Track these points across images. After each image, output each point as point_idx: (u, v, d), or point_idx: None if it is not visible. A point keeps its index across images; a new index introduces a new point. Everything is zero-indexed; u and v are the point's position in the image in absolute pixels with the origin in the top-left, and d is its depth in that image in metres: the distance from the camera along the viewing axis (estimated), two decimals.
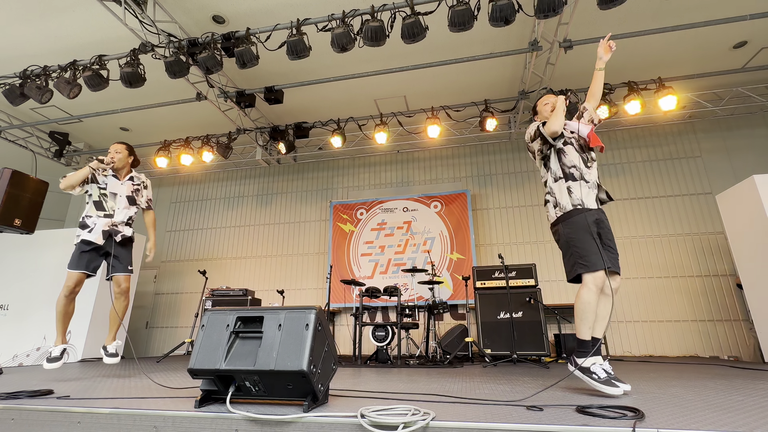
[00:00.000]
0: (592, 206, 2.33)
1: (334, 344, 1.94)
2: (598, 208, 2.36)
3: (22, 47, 4.96)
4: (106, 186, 3.26)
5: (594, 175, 2.41)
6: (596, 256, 2.17)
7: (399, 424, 1.37)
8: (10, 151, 6.86)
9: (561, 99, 2.45)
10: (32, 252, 6.15)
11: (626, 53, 5.29)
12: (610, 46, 2.52)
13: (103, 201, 3.24)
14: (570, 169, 2.39)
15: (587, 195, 2.33)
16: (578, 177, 2.37)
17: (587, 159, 2.43)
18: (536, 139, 2.51)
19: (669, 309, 5.77)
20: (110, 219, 3.22)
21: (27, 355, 5.48)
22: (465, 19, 3.79)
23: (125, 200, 3.31)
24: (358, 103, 6.32)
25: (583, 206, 2.30)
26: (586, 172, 2.38)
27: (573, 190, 2.35)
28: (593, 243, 2.21)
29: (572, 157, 2.41)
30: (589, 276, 2.17)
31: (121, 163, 3.34)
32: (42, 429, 1.71)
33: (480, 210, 6.87)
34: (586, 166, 2.40)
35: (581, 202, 2.31)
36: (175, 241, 7.94)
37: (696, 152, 6.37)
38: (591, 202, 2.34)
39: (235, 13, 4.57)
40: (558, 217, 2.39)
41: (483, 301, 5.02)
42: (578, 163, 2.39)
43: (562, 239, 2.37)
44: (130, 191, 3.36)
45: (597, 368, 2.05)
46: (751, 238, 4.47)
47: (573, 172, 2.38)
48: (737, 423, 1.39)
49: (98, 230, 3.16)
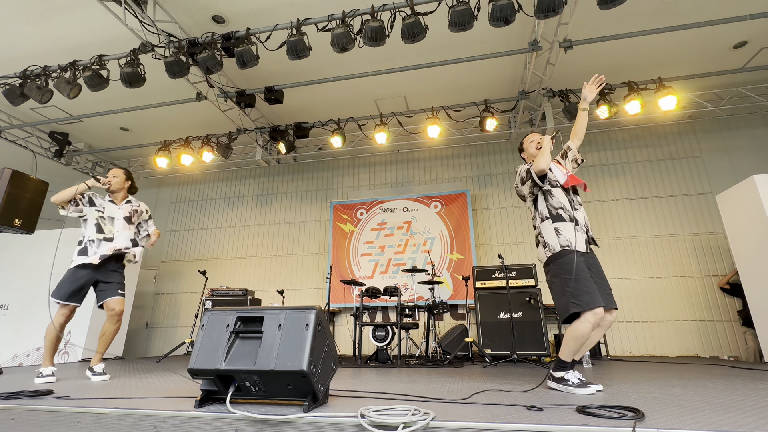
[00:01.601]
0: (581, 248, 2.33)
1: (334, 344, 1.94)
2: (587, 251, 2.38)
3: (22, 47, 4.96)
4: (103, 210, 3.28)
5: (582, 217, 2.44)
6: (590, 296, 2.19)
7: (399, 424, 1.37)
8: (10, 151, 6.86)
9: (547, 138, 2.51)
10: (32, 252, 6.15)
11: (626, 53, 5.29)
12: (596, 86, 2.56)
13: (101, 224, 3.24)
14: (557, 210, 2.43)
15: (576, 236, 2.34)
16: (567, 218, 2.40)
17: (573, 201, 2.46)
18: (527, 181, 2.53)
19: (669, 309, 5.76)
20: (111, 243, 3.21)
21: (27, 355, 5.48)
22: (465, 19, 3.78)
23: (123, 222, 3.31)
24: (358, 103, 6.32)
25: (572, 247, 2.31)
26: (575, 214, 2.41)
27: (561, 231, 2.38)
28: (585, 282, 2.23)
29: (560, 198, 2.45)
30: (589, 314, 2.18)
31: (117, 186, 3.35)
32: (42, 429, 1.71)
33: (480, 210, 6.87)
34: (573, 208, 2.43)
35: (569, 243, 2.33)
36: (175, 241, 7.94)
37: (696, 152, 6.37)
38: (581, 244, 2.34)
39: (235, 13, 4.56)
40: (548, 258, 2.42)
41: (483, 301, 5.01)
42: (566, 204, 2.43)
43: (553, 279, 2.39)
44: (127, 212, 3.37)
45: (570, 376, 2.22)
46: (751, 238, 4.47)
47: (561, 213, 2.41)
48: (737, 423, 1.39)
49: (97, 256, 3.13)
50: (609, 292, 2.34)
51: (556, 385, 2.26)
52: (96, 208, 3.26)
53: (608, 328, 2.29)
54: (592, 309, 2.17)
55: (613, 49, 5.19)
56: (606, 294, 2.30)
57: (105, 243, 3.20)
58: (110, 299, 3.14)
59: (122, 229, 3.29)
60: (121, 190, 3.41)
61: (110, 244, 3.21)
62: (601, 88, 2.62)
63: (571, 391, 2.15)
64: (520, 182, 2.60)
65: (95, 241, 3.18)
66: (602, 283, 2.34)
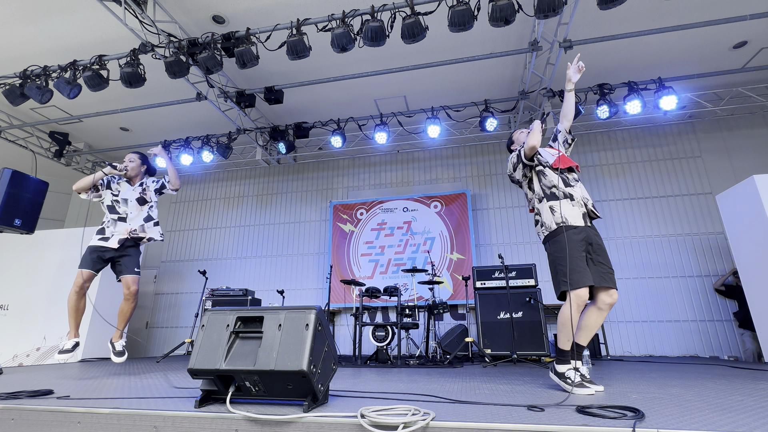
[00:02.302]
0: (578, 223, 2.35)
1: (334, 344, 1.94)
2: (586, 225, 2.38)
3: (22, 47, 4.95)
4: (118, 193, 3.41)
5: (579, 193, 2.45)
6: (579, 275, 2.21)
7: (399, 424, 1.37)
8: (10, 151, 6.86)
9: (537, 122, 2.55)
10: (32, 252, 6.15)
11: (626, 53, 5.29)
12: (580, 69, 2.59)
13: (115, 205, 3.38)
14: (551, 189, 2.47)
15: (571, 212, 2.36)
16: (560, 196, 2.42)
17: (567, 179, 2.48)
18: (518, 164, 2.58)
19: (669, 309, 5.76)
20: (125, 224, 3.33)
21: (27, 355, 5.48)
22: (465, 19, 3.78)
23: (135, 203, 3.42)
24: (358, 103, 6.32)
25: (567, 223, 2.33)
26: (569, 190, 2.43)
27: (555, 209, 2.41)
28: (577, 260, 2.24)
29: (552, 177, 2.48)
30: (572, 293, 2.20)
31: (134, 171, 3.47)
32: (42, 429, 1.71)
33: (480, 210, 6.86)
34: (567, 185, 2.45)
35: (564, 220, 2.35)
36: (175, 241, 7.94)
37: (696, 152, 6.37)
38: (577, 219, 2.35)
39: (235, 13, 4.56)
40: (545, 236, 2.46)
41: (483, 301, 5.01)
42: (557, 183, 2.46)
43: (549, 258, 2.43)
44: (139, 194, 3.47)
45: (571, 373, 2.19)
46: (751, 238, 4.47)
47: (554, 192, 2.45)
48: (737, 423, 1.39)
49: (115, 239, 3.27)
50: (609, 271, 2.30)
51: (556, 379, 2.26)
52: (111, 191, 3.40)
53: (609, 310, 2.27)
54: (575, 290, 2.19)
55: (613, 49, 5.19)
56: (604, 274, 2.27)
57: (120, 223, 3.33)
58: (127, 276, 3.28)
59: (135, 210, 3.41)
60: (138, 175, 3.53)
61: (125, 224, 3.34)
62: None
63: (568, 389, 2.14)
64: (512, 168, 2.65)
65: (110, 221, 3.33)
66: (602, 261, 2.31)
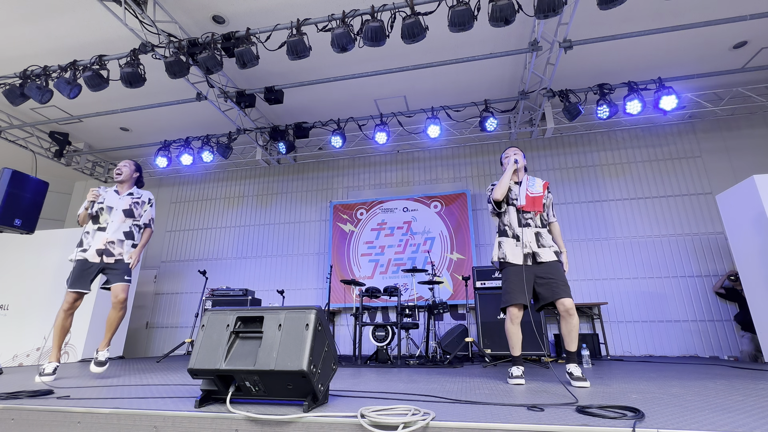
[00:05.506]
0: (517, 262, 2.69)
1: (334, 344, 1.94)
2: (526, 264, 2.67)
3: (22, 47, 4.96)
4: (104, 201, 3.32)
5: (529, 234, 2.71)
6: (509, 295, 2.67)
7: (399, 424, 1.37)
8: (10, 151, 6.86)
9: (510, 168, 2.80)
10: (32, 252, 6.15)
11: (626, 53, 5.29)
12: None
13: (98, 214, 3.29)
14: (505, 226, 2.82)
15: (513, 252, 2.72)
16: (510, 235, 2.77)
17: (522, 219, 2.77)
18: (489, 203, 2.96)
19: (669, 309, 5.76)
20: (104, 234, 3.24)
21: (27, 355, 5.48)
22: (465, 19, 3.78)
23: (121, 213, 3.33)
24: (358, 103, 6.32)
25: (505, 260, 2.73)
26: (520, 232, 2.73)
27: (501, 245, 2.79)
28: (509, 285, 2.69)
29: (511, 216, 2.80)
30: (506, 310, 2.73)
31: (126, 176, 3.43)
32: (42, 429, 1.71)
33: (480, 210, 6.86)
34: (522, 225, 2.75)
35: (504, 257, 2.74)
36: (175, 241, 7.94)
37: (696, 152, 6.37)
38: (517, 258, 2.70)
39: (235, 13, 4.57)
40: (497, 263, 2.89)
41: (483, 301, 5.01)
42: (513, 223, 2.78)
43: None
44: (128, 204, 3.39)
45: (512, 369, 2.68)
46: (751, 238, 4.47)
47: (506, 230, 2.80)
48: (737, 423, 1.39)
49: (93, 250, 3.19)
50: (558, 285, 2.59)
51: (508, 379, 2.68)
52: (98, 200, 3.31)
53: (569, 315, 2.57)
54: (504, 307, 2.73)
55: (613, 50, 5.19)
56: (554, 288, 2.59)
57: (99, 233, 3.24)
58: (115, 285, 3.19)
59: (117, 221, 3.31)
60: (128, 181, 3.47)
61: (103, 234, 3.24)
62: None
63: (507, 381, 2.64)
64: (487, 201, 3.01)
65: (90, 232, 3.25)
66: (552, 278, 2.62)
